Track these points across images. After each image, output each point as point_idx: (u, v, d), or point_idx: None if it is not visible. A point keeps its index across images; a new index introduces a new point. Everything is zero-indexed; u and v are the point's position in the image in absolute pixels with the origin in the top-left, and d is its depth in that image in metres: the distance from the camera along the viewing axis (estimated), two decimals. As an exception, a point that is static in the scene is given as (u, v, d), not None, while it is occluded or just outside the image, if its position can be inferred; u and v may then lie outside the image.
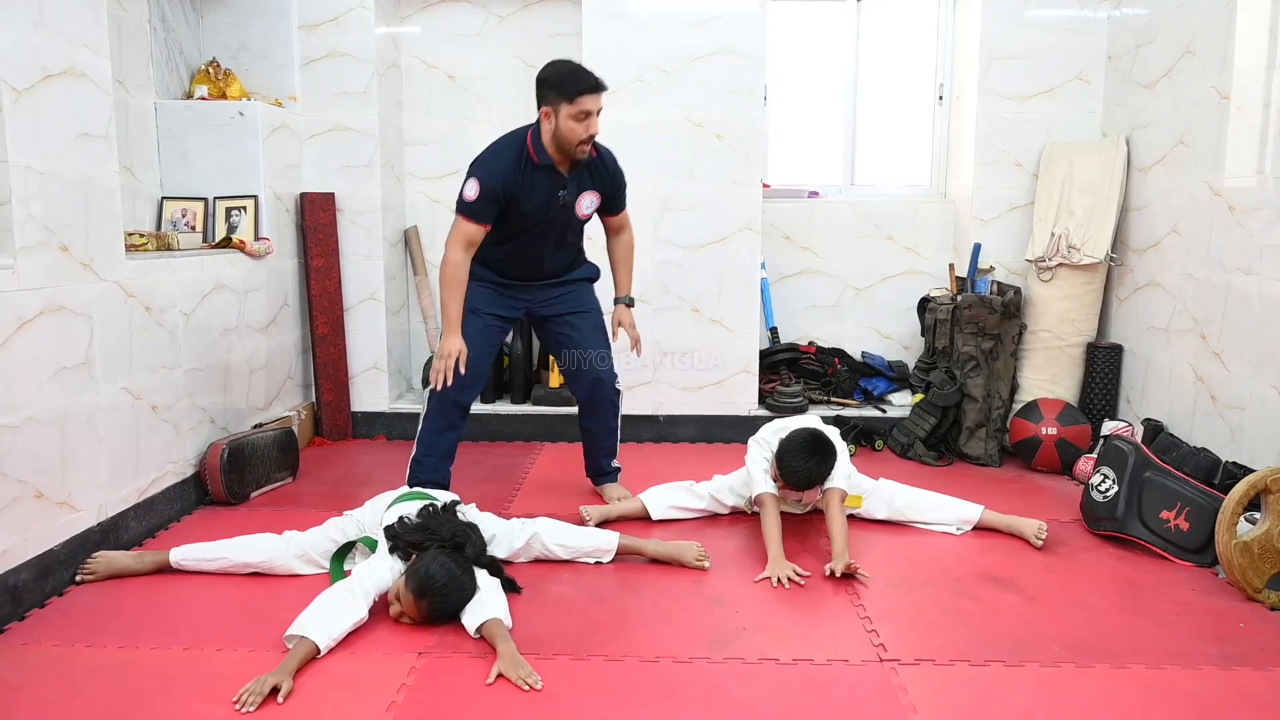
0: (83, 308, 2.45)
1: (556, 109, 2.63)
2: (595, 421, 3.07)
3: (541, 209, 2.75)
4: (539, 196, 2.73)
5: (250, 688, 1.82)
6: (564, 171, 2.75)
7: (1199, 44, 3.11)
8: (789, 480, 2.62)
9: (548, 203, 2.75)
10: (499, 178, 2.69)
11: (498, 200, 2.70)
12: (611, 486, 3.14)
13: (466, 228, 2.74)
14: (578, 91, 2.60)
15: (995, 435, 3.59)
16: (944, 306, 3.67)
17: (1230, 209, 2.93)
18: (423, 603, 2.10)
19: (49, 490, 2.32)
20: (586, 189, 2.81)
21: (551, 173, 2.73)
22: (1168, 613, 2.27)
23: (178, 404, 2.92)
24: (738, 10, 3.73)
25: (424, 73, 4.18)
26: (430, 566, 2.12)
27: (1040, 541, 2.68)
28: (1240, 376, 2.87)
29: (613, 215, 2.96)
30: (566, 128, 2.63)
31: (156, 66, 3.43)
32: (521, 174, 2.70)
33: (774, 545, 2.56)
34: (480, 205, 2.71)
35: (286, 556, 2.42)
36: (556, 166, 2.73)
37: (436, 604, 2.11)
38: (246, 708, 1.79)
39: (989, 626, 2.18)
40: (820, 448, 2.62)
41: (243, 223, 3.50)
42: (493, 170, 2.70)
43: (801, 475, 2.59)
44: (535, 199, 2.73)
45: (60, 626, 2.16)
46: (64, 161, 2.38)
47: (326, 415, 3.87)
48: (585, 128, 2.64)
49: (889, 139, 4.26)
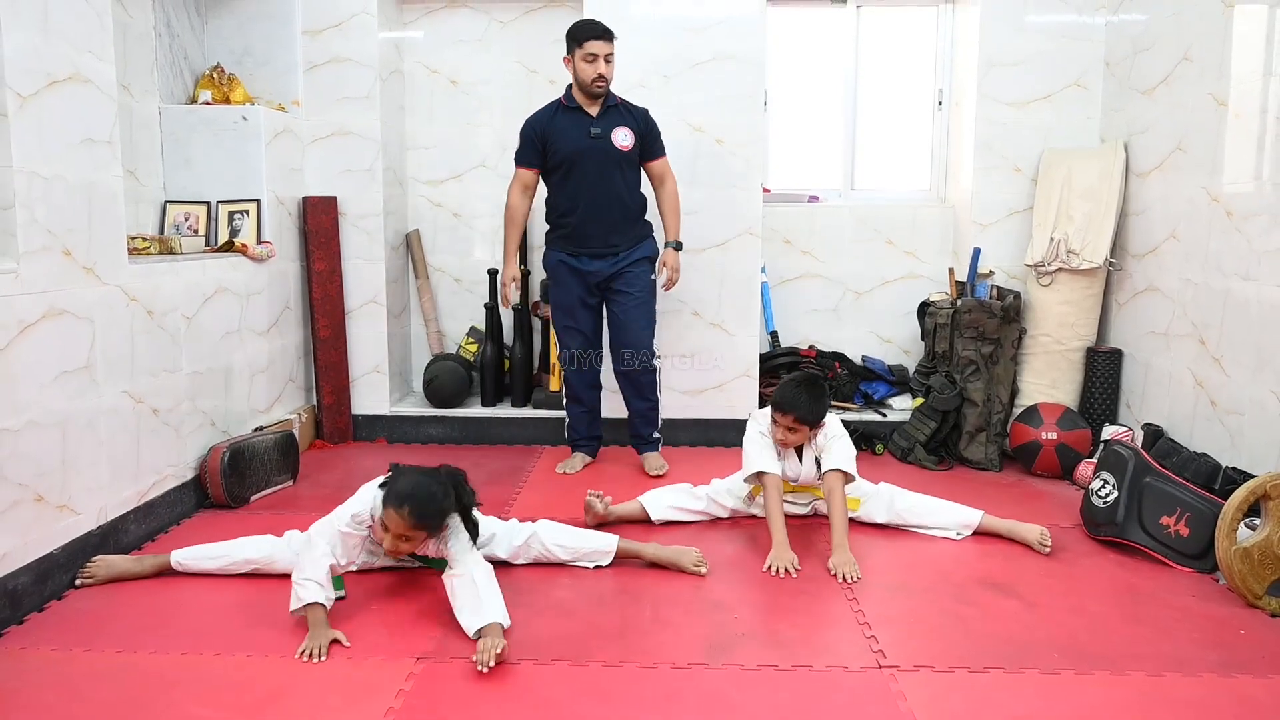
0: (85, 311, 2.46)
1: (572, 55, 3.23)
2: (631, 394, 3.50)
3: (577, 143, 3.27)
4: (572, 134, 3.28)
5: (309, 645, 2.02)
6: (592, 113, 3.28)
7: (1196, 51, 3.12)
8: (785, 405, 2.66)
9: (581, 136, 3.27)
10: (534, 125, 3.32)
11: (534, 142, 3.30)
12: (651, 456, 3.53)
13: (518, 173, 3.37)
14: (584, 38, 3.19)
15: (995, 440, 3.59)
16: (944, 311, 3.67)
17: (1228, 214, 2.93)
18: (403, 511, 2.10)
19: (49, 493, 2.32)
20: (619, 125, 3.30)
21: (580, 113, 3.29)
22: (1168, 619, 2.26)
23: (179, 407, 2.93)
24: (738, 15, 3.74)
25: (427, 77, 4.20)
26: (398, 480, 2.17)
27: (1046, 549, 2.67)
28: (1239, 381, 2.87)
29: (653, 160, 3.40)
30: (579, 69, 3.22)
31: (161, 71, 3.45)
32: (554, 118, 3.31)
33: (778, 530, 2.61)
34: (522, 150, 3.35)
35: (288, 556, 2.42)
36: (584, 108, 3.29)
37: (416, 508, 2.11)
38: (319, 657, 1.99)
39: (989, 632, 2.18)
40: (812, 385, 2.71)
41: (245, 226, 3.51)
42: (531, 121, 3.34)
43: (796, 400, 2.65)
44: (569, 136, 3.28)
45: (59, 631, 2.16)
46: (68, 166, 2.39)
47: (327, 418, 3.88)
48: (594, 69, 3.20)
49: (888, 144, 4.27)
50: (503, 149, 4.23)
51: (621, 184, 3.33)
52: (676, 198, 3.45)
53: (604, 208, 3.31)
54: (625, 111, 3.34)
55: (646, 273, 3.43)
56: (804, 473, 2.79)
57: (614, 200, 3.32)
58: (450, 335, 4.33)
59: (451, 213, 4.28)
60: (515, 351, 4.06)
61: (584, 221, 3.32)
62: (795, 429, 2.69)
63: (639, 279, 3.40)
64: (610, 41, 3.21)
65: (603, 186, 3.29)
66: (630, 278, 3.38)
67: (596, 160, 3.27)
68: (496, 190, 4.23)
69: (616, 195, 3.32)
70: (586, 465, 3.57)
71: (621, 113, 3.33)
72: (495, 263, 4.24)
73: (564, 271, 3.39)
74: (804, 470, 2.79)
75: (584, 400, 3.54)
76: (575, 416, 3.60)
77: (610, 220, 3.33)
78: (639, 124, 3.34)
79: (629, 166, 3.35)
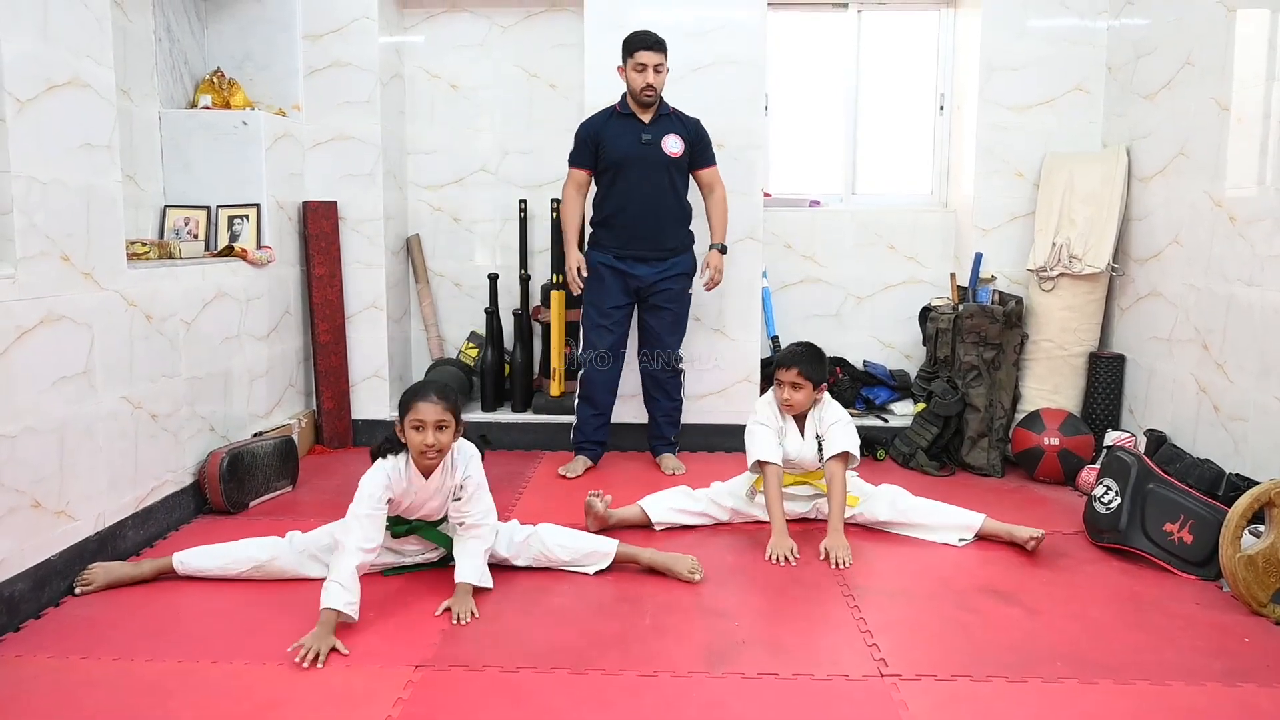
0: (83, 317, 2.45)
1: (625, 64, 3.33)
2: (657, 393, 3.61)
3: (628, 148, 3.37)
4: (625, 139, 3.38)
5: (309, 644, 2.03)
6: (645, 120, 3.38)
7: (1199, 55, 3.11)
8: (788, 361, 2.78)
9: (633, 142, 3.37)
10: (588, 128, 3.43)
11: (588, 144, 3.40)
12: (668, 457, 3.61)
13: (572, 174, 3.47)
14: (635, 48, 3.30)
15: (997, 445, 3.58)
16: (946, 316, 3.66)
17: (1231, 219, 2.92)
18: (429, 396, 2.26)
19: (46, 500, 2.31)
20: (670, 132, 3.40)
21: (633, 120, 3.39)
22: (1171, 627, 2.25)
23: (178, 412, 2.92)
24: (738, 20, 3.74)
25: (427, 82, 4.19)
26: (407, 390, 2.33)
27: (1031, 546, 2.68)
28: (1243, 387, 2.86)
29: (702, 169, 3.49)
30: (630, 78, 3.32)
31: (161, 76, 3.44)
32: (608, 122, 3.42)
33: (777, 519, 2.71)
34: (576, 151, 3.45)
35: (292, 555, 2.43)
36: (637, 115, 3.39)
37: (438, 389, 2.29)
38: (316, 663, 2.00)
39: (991, 640, 2.17)
40: (811, 346, 2.84)
41: (245, 231, 3.50)
42: (585, 124, 3.46)
43: (798, 355, 2.78)
44: (622, 140, 3.38)
45: (56, 638, 2.15)
46: (67, 171, 2.39)
47: (327, 423, 3.87)
48: (643, 78, 3.29)
49: (890, 148, 4.26)
50: (503, 154, 4.23)
51: (669, 189, 3.42)
52: (725, 205, 3.53)
53: (651, 211, 3.41)
54: (677, 120, 3.44)
55: (685, 288, 3.54)
56: (805, 451, 2.82)
57: (661, 204, 3.42)
58: (450, 340, 4.32)
59: (452, 217, 4.27)
60: (515, 356, 4.05)
61: (633, 223, 3.41)
62: (799, 385, 2.78)
63: (678, 297, 3.52)
64: (661, 52, 3.29)
65: (651, 190, 3.39)
66: (670, 294, 3.49)
67: (646, 165, 3.37)
68: (497, 195, 4.24)
69: (664, 200, 3.42)
70: (588, 470, 3.57)
71: (673, 121, 3.43)
72: (495, 267, 4.23)
73: (607, 273, 3.44)
74: (805, 448, 2.82)
75: (598, 403, 3.56)
76: (585, 419, 3.60)
77: (656, 224, 3.42)
78: (690, 132, 3.43)
79: (678, 173, 3.44)
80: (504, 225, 4.25)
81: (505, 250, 4.26)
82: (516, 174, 4.22)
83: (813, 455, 2.82)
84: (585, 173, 3.45)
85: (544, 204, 4.13)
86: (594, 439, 3.61)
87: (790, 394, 2.79)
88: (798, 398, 2.79)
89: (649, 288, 3.46)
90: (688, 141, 3.41)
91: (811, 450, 2.82)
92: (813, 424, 2.82)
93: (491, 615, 2.28)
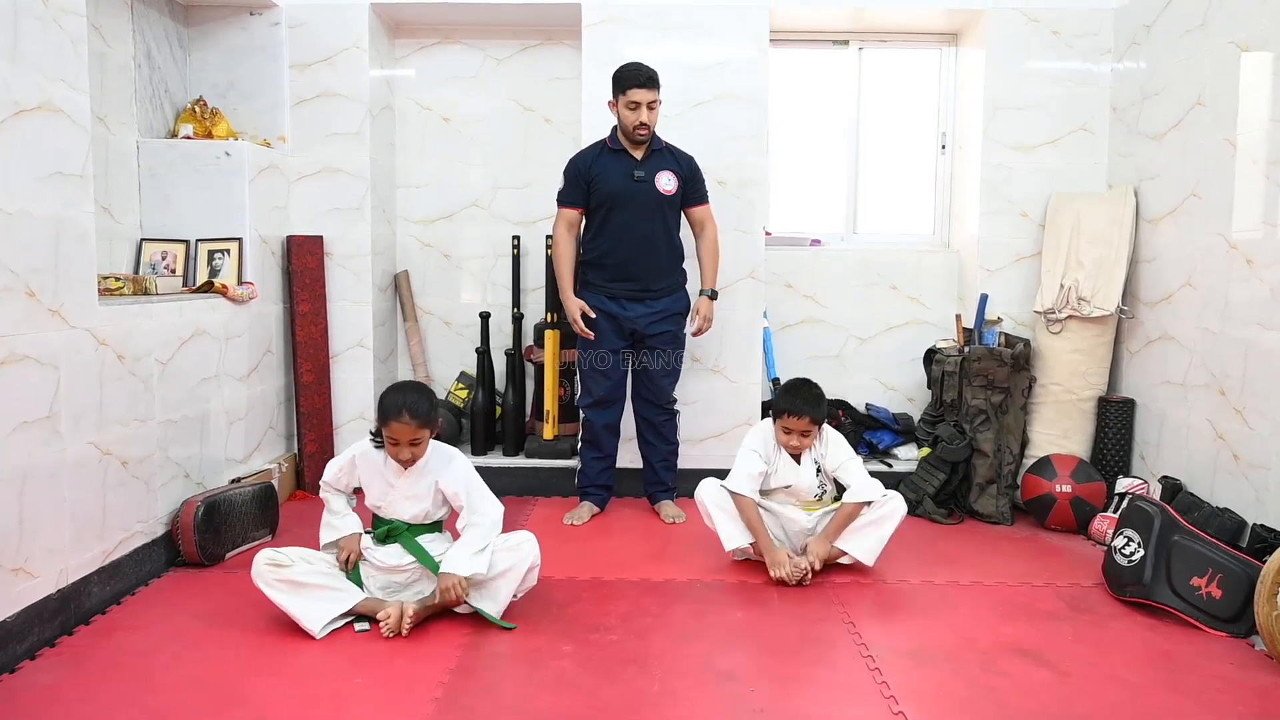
0: (49, 357, 2.28)
1: (616, 100, 3.21)
2: (652, 436, 3.47)
3: (620, 184, 3.24)
4: (616, 175, 3.25)
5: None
6: (637, 156, 3.26)
7: (1209, 95, 3.07)
8: (798, 410, 2.75)
9: (624, 179, 3.24)
10: (579, 164, 3.29)
11: (579, 182, 3.27)
12: (667, 504, 3.46)
13: (562, 213, 3.31)
14: (628, 85, 3.16)
15: (1006, 492, 3.46)
16: (952, 359, 3.56)
17: (1248, 262, 2.85)
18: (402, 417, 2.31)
19: (3, 556, 2.12)
20: (664, 169, 3.28)
21: (624, 156, 3.26)
22: (1210, 689, 2.12)
23: (150, 458, 2.74)
24: (740, 56, 3.67)
25: (418, 114, 4.09)
26: (384, 399, 2.37)
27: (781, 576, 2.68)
28: (1264, 434, 2.77)
29: (694, 206, 3.37)
30: (623, 116, 3.20)
31: (140, 104, 3.31)
32: (598, 158, 3.28)
33: (760, 534, 2.75)
34: (566, 189, 3.31)
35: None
36: (629, 151, 3.26)
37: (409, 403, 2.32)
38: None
39: (1023, 707, 2.03)
40: (808, 384, 2.83)
41: (225, 266, 3.35)
42: (575, 160, 3.32)
43: (806, 404, 2.76)
44: (613, 177, 3.24)
45: (10, 710, 1.95)
46: (34, 201, 2.23)
47: (309, 467, 3.69)
48: (636, 116, 3.17)
49: (891, 187, 4.20)
50: (495, 188, 4.12)
51: (662, 227, 3.30)
52: (716, 245, 3.40)
53: (644, 250, 3.28)
54: (671, 155, 3.32)
55: (679, 329, 3.41)
56: (802, 479, 2.82)
57: (654, 243, 3.29)
58: (439, 380, 4.16)
59: (442, 253, 4.15)
60: (507, 398, 3.90)
61: (625, 263, 3.28)
62: (809, 431, 2.78)
63: (671, 340, 3.39)
64: (654, 88, 3.16)
65: (644, 229, 3.27)
66: (664, 337, 3.37)
67: (639, 204, 3.25)
68: (488, 230, 4.12)
69: (657, 238, 3.29)
70: (594, 516, 3.42)
71: (667, 156, 3.31)
72: (486, 305, 4.10)
73: (600, 316, 3.30)
74: (802, 475, 2.82)
75: (603, 447, 3.44)
76: (589, 463, 3.47)
77: (649, 263, 3.30)
78: (683, 169, 3.32)
79: (671, 211, 3.32)
80: (496, 262, 4.13)
81: (497, 288, 4.13)
82: (510, 209, 4.11)
83: (810, 482, 2.82)
84: (577, 211, 3.30)
85: (538, 241, 4.01)
86: (599, 483, 3.47)
87: (800, 441, 2.79)
88: (807, 442, 2.81)
89: (642, 329, 3.33)
90: (681, 178, 3.30)
91: (810, 477, 2.82)
92: (811, 452, 2.84)
93: (491, 683, 2.12)
